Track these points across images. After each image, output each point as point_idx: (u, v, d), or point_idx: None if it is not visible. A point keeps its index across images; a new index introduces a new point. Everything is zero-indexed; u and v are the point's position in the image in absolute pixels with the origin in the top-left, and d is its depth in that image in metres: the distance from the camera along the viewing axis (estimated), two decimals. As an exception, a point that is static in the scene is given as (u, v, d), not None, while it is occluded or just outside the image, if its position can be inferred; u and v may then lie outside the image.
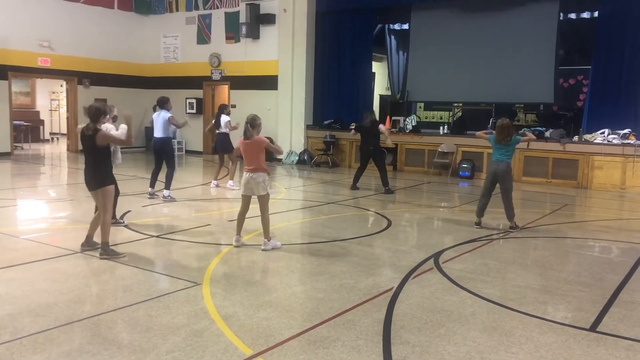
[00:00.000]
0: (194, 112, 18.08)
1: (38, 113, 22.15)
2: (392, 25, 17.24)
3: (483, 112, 15.26)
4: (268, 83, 16.57)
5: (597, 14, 13.21)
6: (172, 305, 4.47)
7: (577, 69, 14.98)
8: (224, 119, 10.85)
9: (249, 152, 6.25)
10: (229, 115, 11.10)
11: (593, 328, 4.27)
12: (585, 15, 14.00)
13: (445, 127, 14.95)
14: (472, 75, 14.54)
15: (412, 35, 15.74)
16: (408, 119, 15.40)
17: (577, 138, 12.60)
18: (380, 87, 19.94)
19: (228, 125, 10.82)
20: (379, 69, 19.54)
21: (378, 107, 18.76)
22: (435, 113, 18.21)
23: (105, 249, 5.79)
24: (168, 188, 9.31)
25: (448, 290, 5.03)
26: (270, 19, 16.37)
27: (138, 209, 8.51)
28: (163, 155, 9.35)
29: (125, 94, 18.23)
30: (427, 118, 18.12)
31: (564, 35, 13.98)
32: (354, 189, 11.01)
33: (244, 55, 17.11)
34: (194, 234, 7.02)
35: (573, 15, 14.19)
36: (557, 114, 14.81)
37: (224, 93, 17.98)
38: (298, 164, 15.72)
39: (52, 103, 23.11)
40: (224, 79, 17.70)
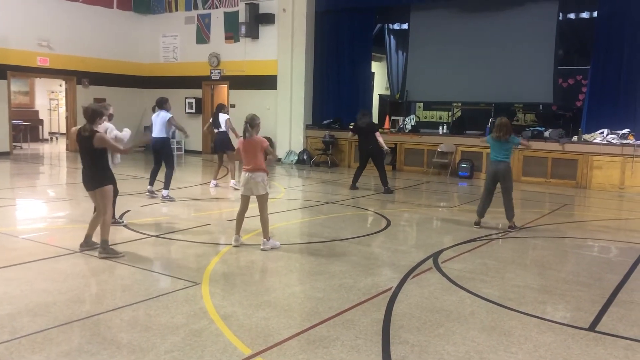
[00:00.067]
0: (193, 111, 18.09)
1: (37, 112, 22.10)
2: (391, 25, 17.25)
3: (482, 112, 15.24)
4: (267, 83, 16.57)
5: (596, 14, 13.22)
6: (171, 305, 4.47)
7: (576, 69, 15.00)
8: (223, 118, 10.81)
9: (248, 151, 6.25)
10: (228, 114, 11.07)
11: (592, 328, 4.27)
12: (585, 16, 14.00)
13: (445, 127, 14.98)
14: (471, 75, 14.54)
15: (411, 35, 15.74)
16: (407, 119, 15.40)
17: (576, 138, 12.60)
18: (380, 86, 19.92)
19: (229, 124, 10.79)
20: (378, 69, 19.53)
21: (377, 106, 18.78)
22: (435, 113, 18.21)
23: (105, 247, 5.78)
24: (167, 188, 9.31)
25: (447, 290, 5.03)
26: (270, 19, 16.36)
27: (137, 209, 8.51)
28: (162, 155, 9.37)
29: (124, 94, 18.25)
30: (426, 118, 18.13)
31: (563, 35, 13.99)
32: (353, 189, 10.99)
33: (243, 55, 17.11)
34: (193, 234, 7.02)
35: (572, 15, 14.19)
36: (556, 114, 14.83)
37: (223, 93, 17.97)
38: (297, 164, 15.72)
39: (51, 102, 23.11)
40: (223, 79, 17.70)
